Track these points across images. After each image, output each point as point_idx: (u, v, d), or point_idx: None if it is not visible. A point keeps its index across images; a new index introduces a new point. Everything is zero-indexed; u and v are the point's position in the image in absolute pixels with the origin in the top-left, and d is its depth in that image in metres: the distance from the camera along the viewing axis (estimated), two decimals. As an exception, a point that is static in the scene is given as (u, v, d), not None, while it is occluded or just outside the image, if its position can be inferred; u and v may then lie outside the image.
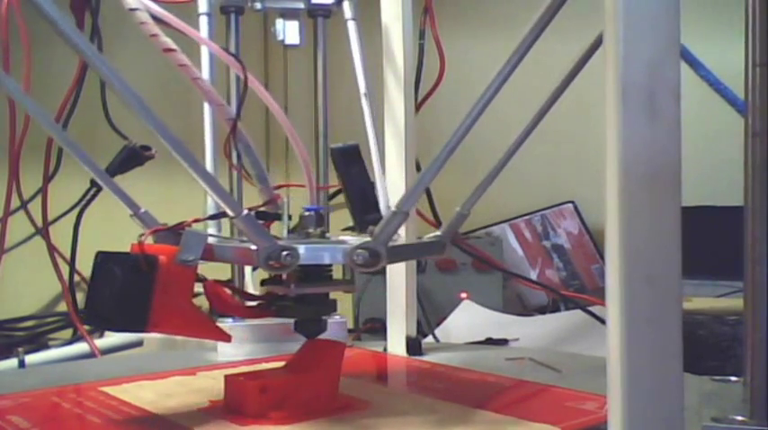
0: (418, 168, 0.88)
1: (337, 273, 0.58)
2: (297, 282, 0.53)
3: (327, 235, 0.56)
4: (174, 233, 0.50)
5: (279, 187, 0.60)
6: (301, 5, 0.70)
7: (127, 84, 0.46)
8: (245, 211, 0.48)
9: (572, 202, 1.34)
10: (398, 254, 0.54)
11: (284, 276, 0.54)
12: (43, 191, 0.89)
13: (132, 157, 0.93)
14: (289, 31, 0.70)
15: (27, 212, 0.98)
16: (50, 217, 0.95)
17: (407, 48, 0.74)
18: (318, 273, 0.54)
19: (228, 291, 0.56)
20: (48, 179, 0.90)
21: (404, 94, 0.74)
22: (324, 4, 0.70)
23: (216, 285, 0.55)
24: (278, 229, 0.55)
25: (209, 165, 0.68)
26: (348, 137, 0.59)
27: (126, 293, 0.48)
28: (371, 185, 0.60)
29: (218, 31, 0.67)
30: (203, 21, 0.66)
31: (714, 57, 1.15)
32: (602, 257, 1.28)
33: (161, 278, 0.48)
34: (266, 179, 0.60)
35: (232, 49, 0.70)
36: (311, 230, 0.54)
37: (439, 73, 0.79)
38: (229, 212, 0.48)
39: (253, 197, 0.61)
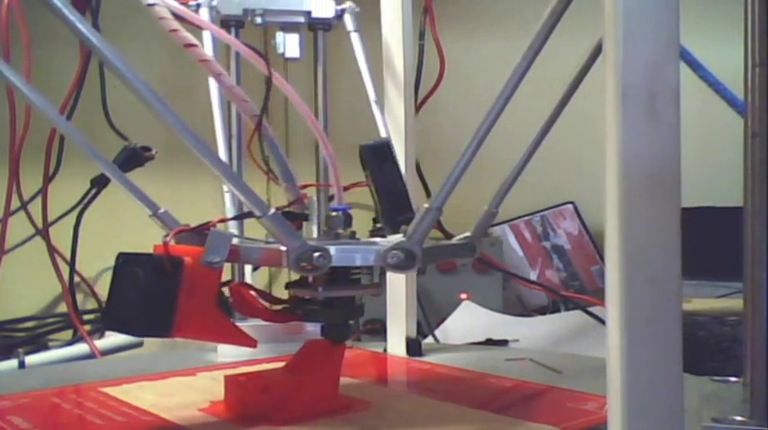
0: (418, 169, 0.88)
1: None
2: (324, 285, 0.51)
3: (357, 236, 0.54)
4: (197, 234, 0.48)
5: (305, 186, 0.59)
6: (301, 19, 0.70)
7: (142, 81, 0.45)
8: (273, 210, 0.46)
9: (572, 203, 1.34)
10: (432, 255, 0.52)
11: (310, 279, 0.52)
12: (43, 191, 0.89)
13: (132, 158, 0.93)
14: (289, 45, 0.70)
15: (27, 213, 0.98)
16: (50, 217, 0.95)
17: (407, 48, 0.74)
18: (346, 275, 0.52)
19: (254, 294, 0.54)
20: (48, 180, 0.90)
21: (404, 95, 0.74)
22: (324, 18, 0.70)
23: (241, 287, 0.54)
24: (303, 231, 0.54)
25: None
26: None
27: (150, 296, 0.45)
28: (404, 184, 0.57)
29: (219, 44, 0.67)
30: (205, 34, 0.67)
31: (713, 57, 1.15)
32: (601, 258, 1.28)
33: (186, 280, 0.46)
34: (293, 178, 0.58)
35: (233, 62, 0.70)
36: (340, 231, 0.52)
37: (439, 73, 0.79)
38: (256, 212, 0.46)
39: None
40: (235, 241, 0.48)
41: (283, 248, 0.47)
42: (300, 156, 0.68)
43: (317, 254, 0.46)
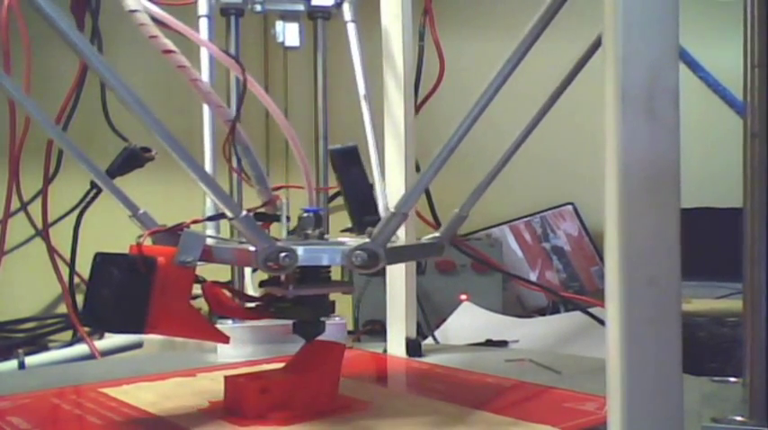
0: (418, 169, 0.88)
1: (335, 275, 0.58)
2: (295, 283, 0.53)
3: (326, 236, 0.56)
4: (173, 234, 0.50)
5: (278, 188, 0.60)
6: (301, 8, 0.70)
7: (125, 84, 0.46)
8: (244, 212, 0.48)
9: (572, 204, 1.34)
10: (397, 255, 0.54)
11: (282, 278, 0.53)
12: (43, 192, 0.89)
13: (132, 159, 0.93)
14: (288, 33, 0.70)
15: (27, 214, 0.98)
16: (50, 218, 0.95)
17: (407, 49, 0.74)
18: (316, 274, 0.54)
19: (227, 293, 0.56)
20: (48, 181, 0.90)
21: (403, 96, 0.74)
22: (323, 6, 0.70)
23: (214, 287, 0.55)
24: (277, 231, 0.55)
25: (208, 167, 0.68)
26: (348, 138, 0.59)
27: (123, 295, 0.48)
28: (370, 187, 0.60)
29: (218, 33, 0.67)
30: (203, 23, 0.67)
31: (713, 58, 1.15)
32: (601, 259, 1.28)
33: (159, 279, 0.47)
34: (265, 180, 0.60)
35: (232, 51, 0.70)
36: (310, 232, 0.54)
37: (438, 74, 0.79)
38: (228, 213, 0.48)
39: (253, 198, 0.61)
40: (210, 241, 0.50)
41: (252, 248, 0.48)
42: (281, 158, 0.69)
43: (283, 254, 0.48)
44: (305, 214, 0.55)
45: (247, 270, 0.83)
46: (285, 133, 0.59)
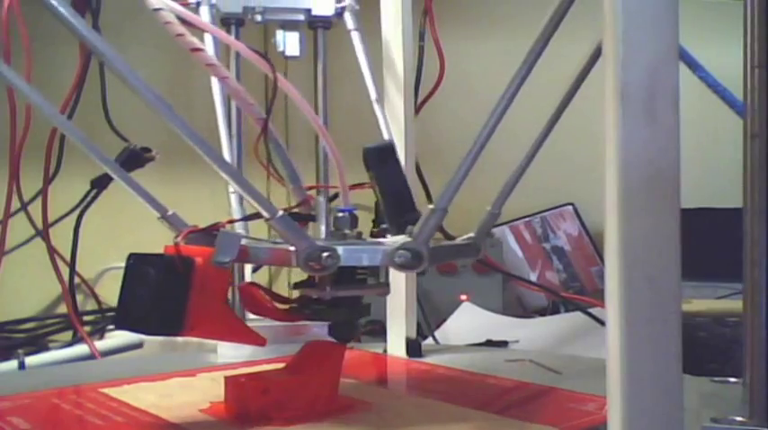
0: (418, 169, 0.88)
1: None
2: (331, 284, 0.52)
3: (364, 236, 0.55)
4: (205, 235, 0.49)
5: (311, 188, 0.59)
6: (301, 17, 0.70)
7: (146, 84, 0.45)
8: (281, 212, 0.47)
9: (572, 204, 1.34)
10: (438, 255, 0.52)
11: (317, 279, 0.52)
12: (43, 192, 0.89)
13: (133, 159, 0.93)
14: (289, 43, 0.70)
15: (27, 214, 0.98)
16: (51, 218, 0.95)
17: (407, 49, 0.74)
18: (352, 275, 0.53)
19: (264, 294, 0.55)
20: (48, 181, 0.90)
21: (404, 96, 0.74)
22: (324, 15, 0.70)
23: (251, 287, 0.54)
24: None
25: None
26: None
27: (162, 295, 0.46)
28: (407, 184, 0.58)
29: (219, 43, 0.67)
30: (206, 35, 0.66)
31: (713, 58, 1.15)
32: (601, 259, 1.28)
33: (197, 280, 0.46)
34: (299, 179, 0.59)
35: (233, 61, 0.70)
36: (347, 232, 0.53)
37: (439, 74, 0.80)
38: (264, 214, 0.47)
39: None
40: (243, 241, 0.49)
41: (292, 248, 0.47)
42: (300, 157, 0.69)
43: (325, 254, 0.47)
44: (339, 214, 0.53)
45: (247, 270, 0.83)
46: (318, 131, 0.57)
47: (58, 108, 0.87)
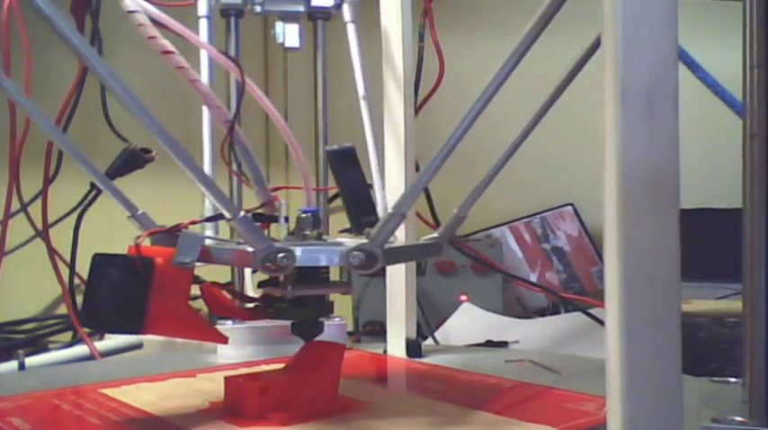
0: (418, 170, 0.88)
1: (334, 275, 0.58)
2: (293, 283, 0.53)
3: (324, 237, 0.56)
4: (172, 235, 0.50)
5: (276, 189, 0.60)
6: (301, 8, 0.70)
7: (124, 84, 0.46)
8: (242, 213, 0.48)
9: (571, 205, 1.34)
10: (395, 255, 0.54)
11: (281, 278, 0.53)
12: (43, 193, 0.89)
13: (132, 160, 0.93)
14: (288, 34, 0.70)
15: (27, 215, 0.98)
16: (50, 219, 0.95)
17: (407, 50, 0.74)
18: (315, 274, 0.54)
19: (226, 294, 0.56)
20: (48, 182, 0.90)
21: (403, 96, 0.74)
22: (323, 6, 0.70)
23: (213, 287, 0.55)
24: (276, 232, 0.55)
25: (207, 168, 0.68)
26: (348, 139, 0.59)
27: (122, 295, 0.47)
28: (367, 187, 0.59)
29: (218, 34, 0.67)
30: (203, 24, 0.67)
31: (712, 59, 1.16)
32: (601, 260, 1.28)
33: (157, 280, 0.47)
34: (263, 181, 0.60)
35: (232, 52, 0.70)
36: (308, 232, 0.54)
37: (438, 75, 0.79)
38: (226, 214, 0.48)
39: (252, 200, 0.61)
40: (208, 242, 0.50)
41: (251, 249, 0.48)
42: (282, 160, 0.69)
43: (281, 254, 0.48)
44: (303, 215, 0.55)
45: (247, 270, 0.83)
46: (282, 133, 0.59)
47: (57, 109, 0.87)
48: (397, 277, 0.76)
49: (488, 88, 0.49)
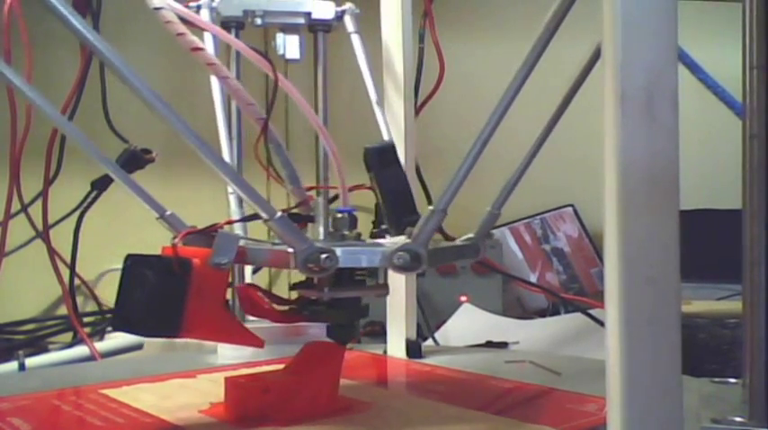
0: (418, 171, 0.88)
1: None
2: (330, 286, 0.52)
3: (363, 237, 0.54)
4: (204, 236, 0.49)
5: (310, 188, 0.59)
6: (301, 21, 0.70)
7: (148, 86, 0.45)
8: (279, 213, 0.47)
9: (571, 206, 1.34)
10: (437, 256, 0.52)
11: (316, 280, 0.52)
12: (44, 194, 0.89)
13: (133, 161, 0.93)
14: (289, 46, 0.70)
15: (27, 215, 0.98)
16: (51, 220, 0.95)
17: (407, 51, 0.75)
18: (351, 276, 0.53)
19: (262, 295, 0.55)
20: (48, 182, 0.90)
21: (404, 97, 0.74)
22: (324, 19, 0.70)
23: (249, 289, 0.54)
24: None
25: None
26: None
27: (159, 297, 0.46)
28: (408, 185, 0.57)
29: (219, 46, 0.67)
30: (206, 36, 0.67)
31: (712, 59, 1.16)
32: (601, 260, 1.28)
33: (195, 281, 0.46)
34: (298, 180, 0.59)
35: (233, 63, 0.70)
36: (346, 233, 0.53)
37: (438, 76, 0.79)
38: (263, 215, 0.47)
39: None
40: (241, 242, 0.49)
41: (290, 250, 0.47)
42: (300, 157, 0.69)
43: (324, 255, 0.47)
44: (339, 215, 0.53)
45: (248, 271, 0.83)
46: (319, 133, 0.58)
47: (59, 109, 0.88)
48: (398, 278, 0.76)
49: (514, 82, 0.48)
